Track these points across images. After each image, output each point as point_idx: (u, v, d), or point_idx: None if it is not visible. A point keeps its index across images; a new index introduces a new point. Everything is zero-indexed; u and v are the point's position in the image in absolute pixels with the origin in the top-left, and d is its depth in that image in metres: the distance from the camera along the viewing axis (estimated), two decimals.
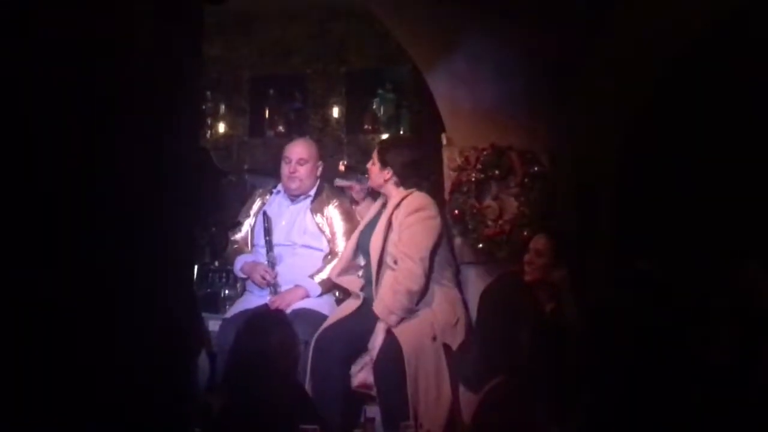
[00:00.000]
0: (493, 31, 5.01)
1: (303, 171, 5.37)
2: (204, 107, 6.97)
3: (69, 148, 2.22)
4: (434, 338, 4.77)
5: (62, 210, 2.19)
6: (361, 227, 5.19)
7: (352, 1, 5.72)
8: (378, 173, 5.09)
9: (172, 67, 2.55)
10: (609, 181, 5.39)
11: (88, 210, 2.24)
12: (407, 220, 4.89)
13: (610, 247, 5.20)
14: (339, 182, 5.50)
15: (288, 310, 5.00)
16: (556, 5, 4.82)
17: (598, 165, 5.21)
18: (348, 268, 5.18)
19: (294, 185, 5.38)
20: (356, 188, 5.40)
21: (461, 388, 4.71)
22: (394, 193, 5.05)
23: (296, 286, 5.22)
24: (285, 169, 5.39)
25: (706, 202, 5.47)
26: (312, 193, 5.44)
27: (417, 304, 4.82)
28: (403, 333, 4.74)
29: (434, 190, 5.24)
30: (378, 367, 4.73)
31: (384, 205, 5.12)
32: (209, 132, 7.24)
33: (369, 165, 5.16)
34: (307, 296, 5.20)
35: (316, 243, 5.37)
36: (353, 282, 5.16)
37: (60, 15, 2.24)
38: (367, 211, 5.31)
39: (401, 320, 4.79)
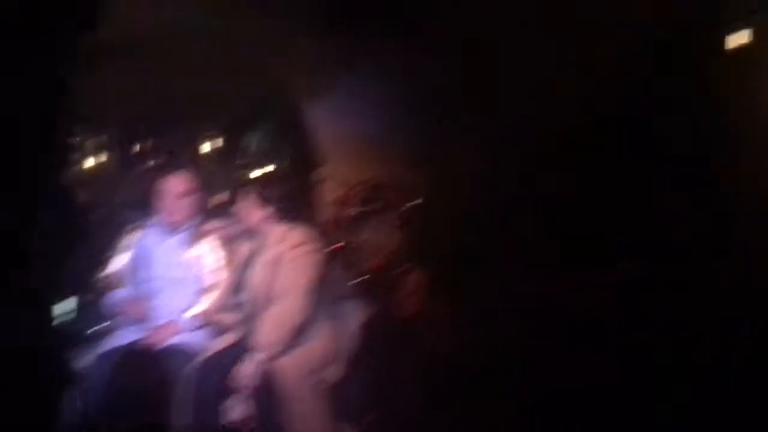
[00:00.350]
0: (375, 65, 5.05)
1: (182, 204, 5.28)
2: (74, 141, 6.81)
3: None
4: (314, 372, 4.74)
5: None
6: (238, 264, 5.12)
7: (232, 32, 5.68)
8: (256, 211, 5.04)
9: (42, 100, 2.48)
10: (483, 216, 5.45)
11: None
12: (289, 255, 4.86)
13: (488, 281, 5.26)
14: (211, 223, 5.43)
15: (162, 346, 4.89)
16: (434, 45, 4.89)
17: (478, 197, 5.28)
18: (225, 306, 5.10)
19: (173, 219, 5.27)
20: (228, 227, 5.35)
21: (340, 423, 4.69)
22: (275, 229, 5.01)
23: (170, 321, 5.11)
24: (163, 203, 5.28)
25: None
26: (189, 226, 5.35)
27: (297, 338, 4.78)
28: (282, 367, 4.69)
29: (314, 224, 5.22)
30: (256, 401, 4.66)
31: (262, 242, 5.07)
32: (80, 165, 7.07)
33: (241, 207, 5.10)
34: (181, 331, 5.09)
35: (190, 277, 5.28)
36: (229, 318, 5.09)
37: None
38: (241, 248, 5.26)
39: (280, 354, 4.74)
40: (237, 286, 5.07)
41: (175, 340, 5.02)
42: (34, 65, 2.46)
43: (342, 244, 5.18)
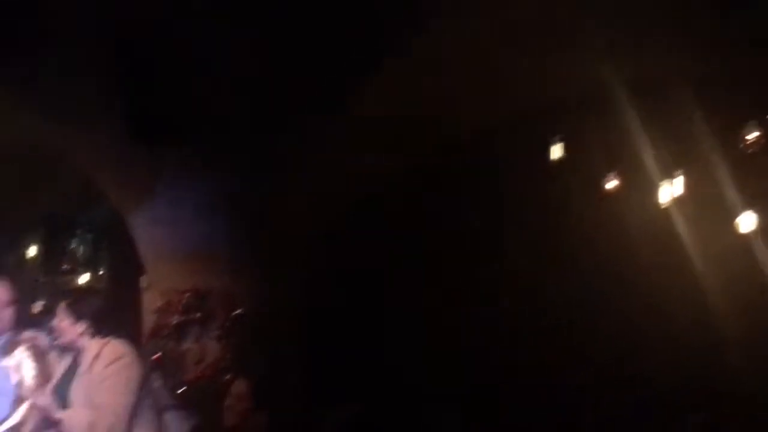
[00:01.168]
0: (188, 174, 5.06)
1: (6, 314, 5.10)
2: None
3: None
4: None
5: None
6: (55, 381, 4.95)
7: (47, 142, 5.60)
8: (70, 328, 4.89)
9: None
10: (302, 326, 5.48)
11: None
12: (106, 371, 4.72)
13: (307, 392, 5.27)
14: (24, 334, 5.26)
15: None
16: (239, 148, 4.96)
17: (292, 308, 5.32)
18: (44, 426, 4.90)
19: None
20: (44, 339, 5.20)
21: None
22: (91, 344, 4.89)
23: None
24: None
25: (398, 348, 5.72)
26: (5, 336, 5.17)
27: None
28: None
29: (135, 335, 5.13)
30: None
31: (74, 362, 4.94)
32: None
33: (56, 322, 4.96)
34: None
35: (4, 387, 5.08)
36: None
37: None
38: (60, 361, 5.10)
39: None
40: (56, 403, 4.90)
41: None
42: None
43: (160, 355, 5.09)
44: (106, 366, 4.71)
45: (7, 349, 5.10)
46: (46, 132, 5.18)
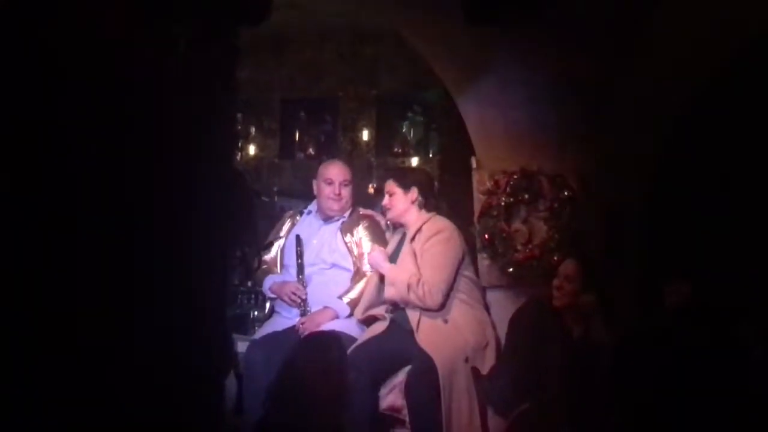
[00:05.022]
0: (523, 56, 5.01)
1: (346, 193, 5.41)
2: (235, 129, 7.01)
3: (106, 172, 2.25)
4: (467, 360, 4.76)
5: (98, 231, 2.22)
6: (388, 253, 5.19)
7: (383, 25, 5.74)
8: (403, 198, 5.11)
9: (206, 89, 2.58)
10: (639, 205, 5.35)
11: (125, 231, 2.26)
12: (427, 244, 4.93)
13: (640, 272, 5.16)
14: (363, 211, 5.55)
15: (317, 332, 4.99)
16: (588, 29, 4.81)
17: (628, 189, 5.19)
18: (372, 304, 5.17)
19: (337, 207, 5.40)
20: (380, 216, 5.47)
21: (489, 413, 4.69)
22: (415, 218, 5.08)
23: (325, 307, 5.22)
24: (327, 191, 5.40)
25: (739, 224, 5.41)
26: (346, 214, 5.47)
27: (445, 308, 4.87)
28: (438, 352, 4.72)
29: (462, 213, 5.25)
30: (411, 387, 4.69)
31: (402, 238, 5.14)
32: (240, 154, 7.29)
33: (387, 200, 5.17)
34: (336, 317, 5.19)
35: (345, 263, 5.38)
36: (379, 310, 5.15)
37: (96, 41, 2.27)
38: (392, 237, 5.35)
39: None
40: (382, 284, 5.14)
41: (330, 326, 5.13)
42: (200, 55, 2.56)
43: (489, 234, 5.17)
44: (426, 240, 4.91)
45: (349, 226, 5.40)
46: (377, 11, 5.29)
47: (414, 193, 5.11)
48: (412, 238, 5.03)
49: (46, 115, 2.16)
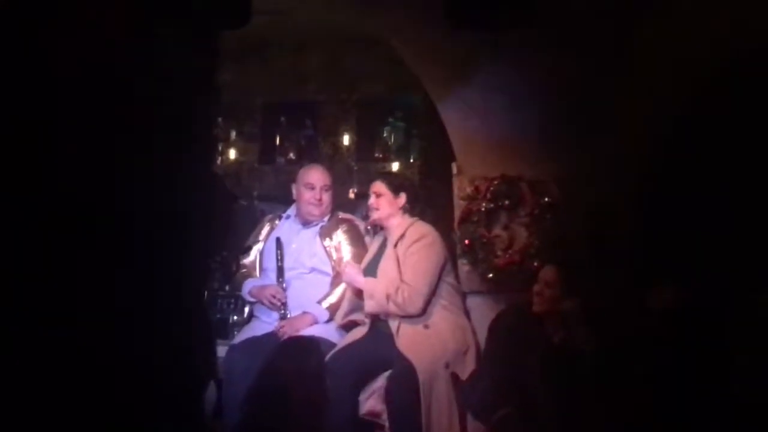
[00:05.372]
0: (506, 61, 5.01)
1: (327, 198, 5.43)
2: (216, 133, 6.99)
3: (84, 174, 2.23)
4: (447, 365, 4.76)
5: (77, 235, 2.20)
6: (364, 266, 5.19)
7: (365, 30, 5.74)
8: (391, 201, 5.12)
9: (186, 93, 2.57)
10: (623, 210, 5.35)
11: (103, 234, 2.25)
12: (410, 249, 4.95)
13: (624, 276, 5.16)
14: (342, 215, 5.56)
15: (297, 336, 4.99)
16: (571, 36, 4.82)
17: (612, 194, 5.19)
18: (353, 309, 5.18)
19: (317, 212, 5.42)
20: (360, 221, 5.49)
21: (469, 418, 4.69)
22: (398, 222, 5.08)
23: (304, 312, 5.22)
24: (307, 195, 5.41)
25: (725, 227, 5.41)
26: (324, 218, 5.47)
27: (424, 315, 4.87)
28: (418, 358, 4.72)
29: (442, 219, 5.26)
30: (391, 392, 4.69)
31: (383, 243, 5.15)
32: (221, 158, 7.27)
33: (374, 201, 5.17)
34: (315, 322, 5.19)
35: (324, 267, 5.38)
36: (359, 315, 5.15)
37: (76, 41, 2.26)
38: (372, 241, 5.37)
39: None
40: (359, 272, 5.15)
41: (309, 331, 5.12)
42: (180, 58, 2.55)
43: (469, 240, 5.18)
44: (409, 245, 4.92)
45: (328, 230, 5.40)
46: (359, 15, 5.29)
47: (402, 198, 5.13)
48: (395, 244, 5.03)
49: (40, 114, 2.15)
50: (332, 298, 5.27)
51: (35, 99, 2.16)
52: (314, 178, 5.44)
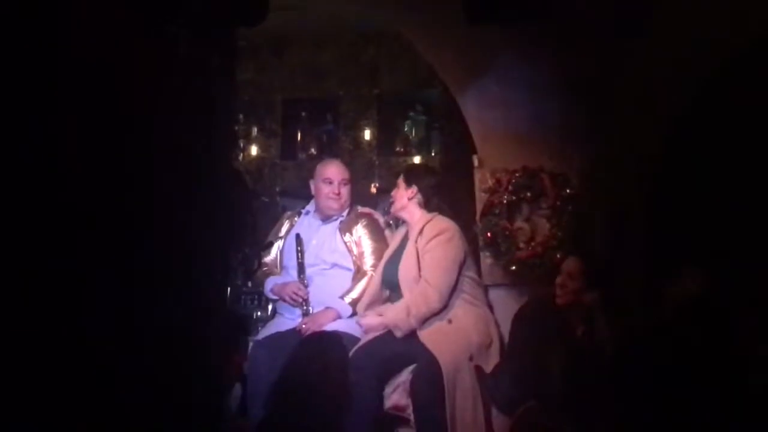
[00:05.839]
0: (525, 54, 5.01)
1: (345, 192, 5.42)
2: (236, 130, 7.01)
3: (106, 172, 2.24)
4: (471, 358, 4.76)
5: (98, 233, 2.21)
6: (385, 260, 5.19)
7: (385, 24, 5.74)
8: (402, 193, 5.13)
9: (206, 90, 2.57)
10: (641, 202, 5.35)
11: (125, 232, 2.26)
12: (428, 245, 4.93)
13: (643, 269, 5.15)
14: (362, 209, 5.55)
15: (320, 332, 5.00)
16: (590, 27, 4.81)
17: (631, 186, 5.18)
18: (374, 302, 5.17)
19: (336, 206, 5.41)
20: (380, 215, 5.49)
21: (494, 411, 4.69)
22: (417, 216, 5.07)
23: (327, 307, 5.21)
24: (326, 190, 5.40)
25: (741, 221, 5.39)
26: (345, 213, 5.47)
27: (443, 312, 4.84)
28: (442, 351, 4.71)
29: (461, 213, 5.26)
30: (415, 386, 4.69)
31: (406, 236, 5.14)
32: (242, 154, 7.29)
33: (393, 192, 5.20)
34: (338, 317, 5.19)
35: (345, 262, 5.37)
36: (383, 308, 5.15)
37: (94, 41, 2.27)
38: (393, 236, 5.36)
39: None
40: (384, 282, 5.15)
41: (333, 326, 5.12)
42: (199, 55, 2.56)
43: (491, 233, 5.17)
44: (427, 241, 4.91)
45: (348, 225, 5.40)
46: (377, 9, 5.30)
47: (412, 190, 5.11)
48: (415, 239, 5.02)
49: (47, 114, 2.16)
50: (354, 293, 5.26)
51: (52, 98, 2.17)
52: (332, 172, 5.43)
